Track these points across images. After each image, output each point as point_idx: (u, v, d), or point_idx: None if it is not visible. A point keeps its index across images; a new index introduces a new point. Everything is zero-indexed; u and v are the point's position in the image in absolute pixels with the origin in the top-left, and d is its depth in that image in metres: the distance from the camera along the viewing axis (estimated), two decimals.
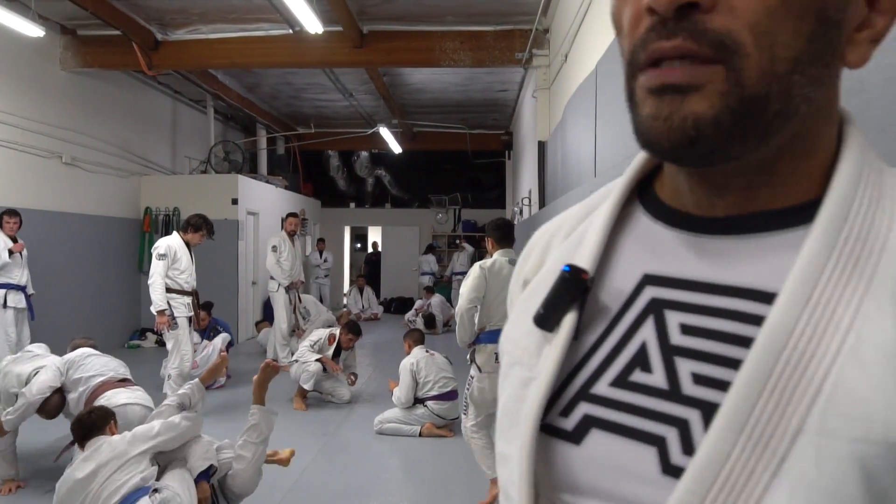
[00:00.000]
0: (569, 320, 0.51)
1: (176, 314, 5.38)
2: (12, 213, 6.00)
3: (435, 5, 6.67)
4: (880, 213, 0.45)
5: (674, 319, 0.49)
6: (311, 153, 13.45)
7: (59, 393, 3.84)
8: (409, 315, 11.41)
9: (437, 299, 11.34)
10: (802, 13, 0.43)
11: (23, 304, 6.02)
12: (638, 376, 0.48)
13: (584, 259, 0.53)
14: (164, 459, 3.01)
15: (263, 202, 10.42)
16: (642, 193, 0.57)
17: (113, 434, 3.07)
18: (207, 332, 6.60)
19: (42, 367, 3.82)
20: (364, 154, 13.98)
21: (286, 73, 9.45)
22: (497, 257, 3.59)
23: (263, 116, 11.48)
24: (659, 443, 0.45)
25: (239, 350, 8.37)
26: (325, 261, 12.55)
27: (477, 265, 3.58)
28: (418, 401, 5.08)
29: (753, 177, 0.48)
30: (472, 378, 3.64)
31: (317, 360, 5.65)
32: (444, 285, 13.15)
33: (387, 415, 5.09)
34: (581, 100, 4.48)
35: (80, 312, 7.68)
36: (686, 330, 0.48)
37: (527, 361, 0.54)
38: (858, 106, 1.04)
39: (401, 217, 15.03)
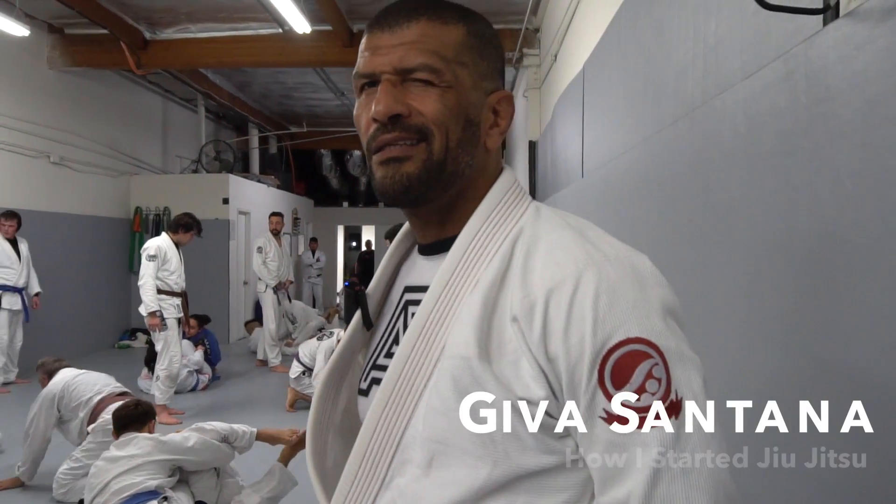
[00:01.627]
0: (356, 315, 0.86)
1: (165, 315, 5.33)
2: (9, 214, 5.92)
3: None
4: (496, 238, 0.73)
5: (410, 311, 0.79)
6: (303, 152, 13.40)
7: None
8: None
9: None
10: (458, 115, 0.73)
11: (18, 305, 5.96)
12: (394, 349, 0.77)
13: (373, 281, 0.87)
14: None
15: (255, 202, 10.37)
16: None
17: (150, 433, 3.00)
18: (195, 342, 6.54)
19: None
20: (357, 153, 13.92)
21: (277, 73, 9.40)
22: None
23: (255, 115, 11.43)
24: None
25: (230, 351, 8.33)
26: (318, 260, 12.51)
27: None
28: None
29: (443, 215, 0.78)
30: None
31: None
32: None
33: None
34: (569, 100, 4.47)
35: (69, 313, 7.62)
36: (413, 315, 0.77)
37: None
38: (824, 113, 1.02)
39: (394, 216, 14.91)
